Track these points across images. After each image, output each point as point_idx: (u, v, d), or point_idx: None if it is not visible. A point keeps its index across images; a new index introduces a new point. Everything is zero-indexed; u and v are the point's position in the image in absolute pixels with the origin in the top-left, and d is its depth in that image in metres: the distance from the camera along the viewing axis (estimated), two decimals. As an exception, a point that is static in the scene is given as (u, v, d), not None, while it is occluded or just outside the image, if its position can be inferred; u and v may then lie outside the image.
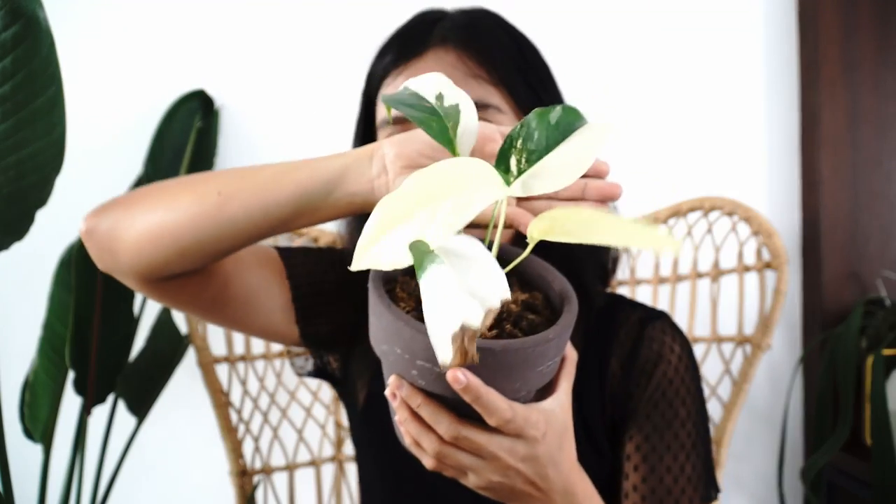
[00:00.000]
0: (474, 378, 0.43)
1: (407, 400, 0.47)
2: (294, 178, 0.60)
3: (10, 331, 1.28)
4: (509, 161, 0.46)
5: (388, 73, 0.74)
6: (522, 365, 0.44)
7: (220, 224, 0.61)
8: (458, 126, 0.49)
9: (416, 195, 0.40)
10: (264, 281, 0.76)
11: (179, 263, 0.64)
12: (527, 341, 0.44)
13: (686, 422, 0.74)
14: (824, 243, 1.31)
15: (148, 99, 1.28)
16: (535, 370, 0.46)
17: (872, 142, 1.32)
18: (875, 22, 1.31)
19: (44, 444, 1.06)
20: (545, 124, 0.45)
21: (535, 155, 0.45)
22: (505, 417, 0.45)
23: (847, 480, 1.22)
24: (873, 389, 1.11)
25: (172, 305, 0.71)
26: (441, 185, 0.40)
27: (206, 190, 0.61)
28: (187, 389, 1.24)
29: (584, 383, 0.75)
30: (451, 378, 0.42)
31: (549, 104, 0.71)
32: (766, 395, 1.37)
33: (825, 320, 1.30)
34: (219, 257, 0.65)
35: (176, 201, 0.62)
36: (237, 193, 0.61)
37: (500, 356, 0.43)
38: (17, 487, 0.92)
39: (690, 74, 1.37)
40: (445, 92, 0.52)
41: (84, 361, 1.05)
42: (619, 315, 0.79)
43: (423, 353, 0.43)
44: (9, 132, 0.69)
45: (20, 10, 0.66)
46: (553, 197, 0.55)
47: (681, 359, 0.76)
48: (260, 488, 1.14)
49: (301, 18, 1.33)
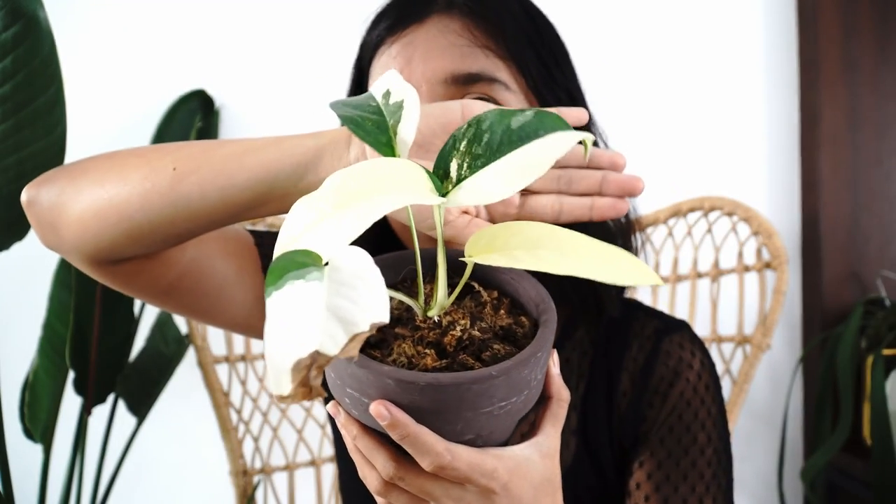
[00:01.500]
0: (401, 413, 0.37)
1: (343, 429, 0.42)
2: (258, 158, 0.52)
3: (10, 331, 1.28)
4: (449, 165, 0.38)
5: (383, 41, 0.65)
6: (458, 405, 0.37)
7: (173, 203, 0.53)
8: (398, 124, 0.43)
9: (331, 198, 0.34)
10: (234, 271, 0.67)
11: (129, 245, 0.56)
12: (458, 377, 0.37)
13: (705, 448, 0.65)
14: (824, 243, 1.31)
15: (148, 99, 1.28)
16: (478, 411, 0.38)
17: (872, 142, 1.32)
18: (875, 22, 1.31)
19: (44, 444, 1.05)
20: (503, 127, 0.38)
21: (480, 161, 0.38)
22: (440, 462, 0.38)
23: (847, 480, 1.22)
24: (873, 389, 1.11)
25: (126, 291, 0.63)
26: (357, 188, 0.35)
27: (161, 164, 0.54)
28: (187, 389, 1.24)
29: (591, 401, 0.69)
30: (375, 412, 0.37)
31: (563, 85, 0.66)
32: (766, 395, 1.37)
33: (825, 320, 1.30)
34: (175, 242, 0.58)
35: (127, 173, 0.54)
36: (194, 170, 0.53)
37: (427, 392, 0.36)
38: (17, 487, 0.92)
39: (690, 74, 1.37)
40: (393, 88, 0.46)
41: (84, 361, 1.05)
42: (634, 325, 0.71)
43: (349, 379, 0.38)
44: (9, 132, 0.69)
45: (20, 10, 0.66)
46: (563, 191, 0.50)
47: (700, 376, 0.67)
48: (260, 488, 1.14)
49: (301, 18, 1.33)
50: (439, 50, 0.61)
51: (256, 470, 1.14)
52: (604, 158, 0.50)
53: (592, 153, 0.49)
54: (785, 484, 1.33)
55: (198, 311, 0.68)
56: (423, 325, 0.41)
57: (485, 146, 0.38)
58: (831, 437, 1.17)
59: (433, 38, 0.62)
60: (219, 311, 0.68)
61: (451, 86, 0.61)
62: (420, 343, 0.40)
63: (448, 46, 0.61)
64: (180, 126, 1.25)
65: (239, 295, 0.68)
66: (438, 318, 0.41)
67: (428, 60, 0.61)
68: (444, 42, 0.62)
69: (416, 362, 0.39)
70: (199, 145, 0.55)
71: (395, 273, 0.47)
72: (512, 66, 0.63)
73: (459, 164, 0.38)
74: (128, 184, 0.54)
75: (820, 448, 1.19)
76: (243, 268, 0.68)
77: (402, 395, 0.37)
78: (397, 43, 0.63)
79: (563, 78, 0.66)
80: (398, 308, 0.43)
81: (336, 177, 0.35)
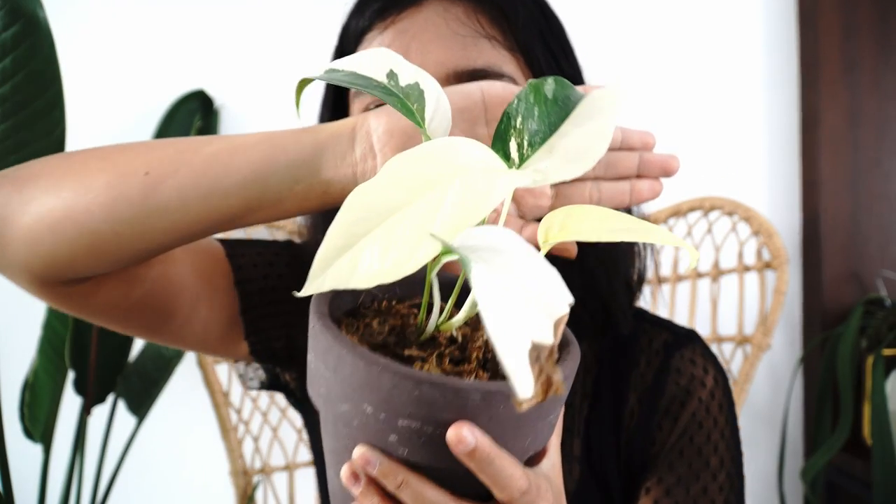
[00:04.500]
0: (484, 437, 0.31)
1: (384, 478, 0.33)
2: (247, 158, 0.45)
3: (10, 331, 1.27)
4: (508, 145, 0.35)
5: (371, 26, 0.57)
6: (536, 412, 0.34)
7: (146, 214, 0.45)
8: (423, 108, 0.37)
9: (406, 183, 0.30)
10: (205, 287, 0.59)
11: (90, 263, 0.47)
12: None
13: (718, 473, 0.60)
14: (824, 243, 1.31)
15: (148, 99, 1.28)
16: (546, 419, 0.35)
17: (872, 142, 1.32)
18: (875, 22, 1.31)
19: (44, 444, 1.05)
20: (542, 99, 0.36)
21: (538, 136, 0.35)
22: (521, 487, 0.33)
23: (847, 480, 1.22)
24: (873, 389, 1.11)
25: (79, 314, 0.54)
26: (438, 170, 0.31)
27: (130, 168, 0.45)
28: (187, 389, 1.24)
29: (596, 423, 0.63)
30: (455, 438, 0.30)
31: (570, 76, 0.60)
32: (766, 395, 1.37)
33: (825, 320, 1.30)
34: (146, 257, 0.49)
35: (87, 180, 0.46)
36: (170, 174, 0.45)
37: (512, 404, 0.31)
38: (17, 487, 0.92)
39: (690, 74, 1.37)
40: (398, 69, 0.40)
41: (84, 361, 1.05)
42: (641, 339, 0.65)
43: (409, 406, 0.31)
44: (9, 132, 0.69)
45: (20, 10, 0.65)
46: (601, 177, 0.45)
47: (713, 395, 0.62)
48: (260, 488, 1.14)
49: (301, 18, 1.33)
50: (440, 40, 0.54)
51: (256, 470, 1.14)
52: (635, 138, 0.46)
53: (624, 133, 0.45)
54: (785, 484, 1.33)
55: (162, 334, 0.59)
56: (442, 342, 0.37)
57: (538, 121, 0.35)
58: (831, 437, 1.17)
59: (433, 26, 0.55)
60: (187, 332, 0.60)
61: (453, 82, 0.53)
62: (440, 360, 0.35)
63: (450, 36, 0.54)
64: (180, 126, 1.25)
65: (210, 313, 0.60)
66: (453, 334, 0.37)
67: (427, 52, 0.54)
68: (445, 31, 0.55)
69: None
70: (176, 144, 0.47)
71: (400, 290, 0.42)
72: (519, 59, 0.56)
73: (519, 143, 0.35)
74: (89, 192, 0.45)
75: (820, 448, 1.19)
76: (214, 283, 0.60)
77: (482, 414, 0.31)
78: (390, 29, 0.56)
79: (570, 70, 0.61)
80: (381, 332, 0.38)
81: (401, 158, 0.31)
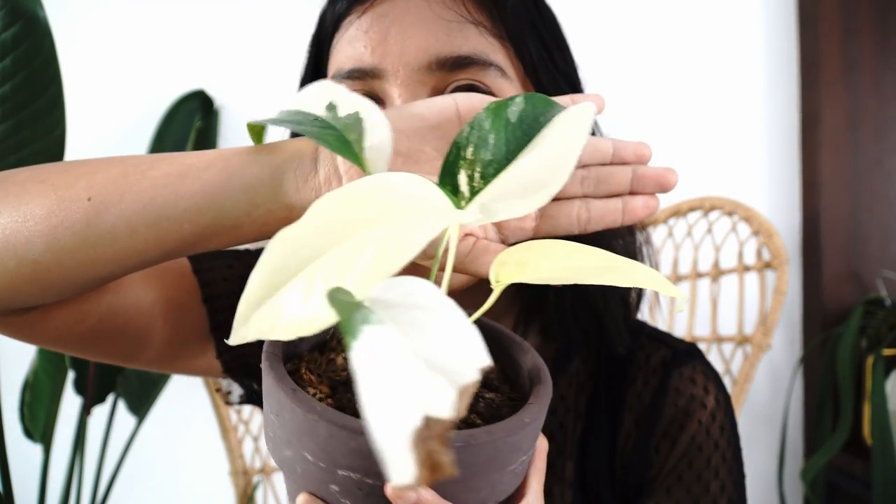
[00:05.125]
0: (428, 493, 0.30)
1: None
2: (199, 183, 0.41)
3: (10, 331, 1.28)
4: (457, 178, 0.33)
5: (350, 9, 0.53)
6: (491, 464, 0.32)
7: (92, 243, 0.42)
8: (362, 139, 0.35)
9: (329, 226, 0.28)
10: (169, 308, 0.56)
11: (34, 293, 0.44)
12: (495, 429, 0.31)
13: (718, 498, 0.57)
14: (824, 243, 1.31)
15: (148, 99, 1.28)
16: (505, 470, 0.33)
17: (872, 142, 1.32)
18: (875, 22, 1.31)
19: (44, 444, 1.05)
20: (502, 123, 0.33)
21: (492, 167, 0.32)
22: None
23: (847, 480, 1.22)
24: (873, 389, 1.11)
25: (29, 342, 0.51)
26: (365, 211, 0.28)
27: (71, 192, 0.42)
28: (187, 389, 1.24)
29: (590, 445, 0.60)
30: (394, 494, 0.29)
31: (564, 72, 0.57)
32: (766, 395, 1.37)
33: (825, 320, 1.30)
34: (96, 285, 0.46)
35: (26, 206, 0.42)
36: (116, 201, 0.41)
37: (464, 454, 0.30)
38: (17, 487, 0.92)
39: (690, 74, 1.37)
40: (338, 100, 0.38)
41: (84, 361, 1.05)
42: (638, 355, 0.62)
43: (348, 458, 0.30)
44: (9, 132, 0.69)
45: (20, 10, 0.65)
46: (590, 195, 0.42)
47: (714, 417, 0.59)
48: (260, 488, 1.14)
49: (301, 18, 1.33)
50: (423, 24, 0.50)
51: (256, 470, 1.14)
52: (628, 150, 0.42)
53: (616, 146, 0.42)
54: (785, 484, 1.33)
55: (126, 359, 0.57)
56: None
57: (493, 149, 0.32)
58: (831, 437, 1.17)
59: (415, 9, 0.51)
60: (152, 355, 0.57)
61: (436, 71, 0.50)
62: None
63: (433, 20, 0.51)
64: (180, 126, 1.25)
65: (174, 334, 0.57)
66: None
67: (408, 37, 0.50)
68: (428, 14, 0.51)
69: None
70: (122, 165, 0.43)
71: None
72: (509, 48, 0.53)
73: (470, 176, 0.33)
74: (28, 220, 0.42)
75: (820, 448, 1.19)
76: (180, 302, 0.57)
77: None
78: (369, 13, 0.52)
79: (564, 64, 0.57)
80: (345, 367, 0.37)
81: (328, 198, 0.29)
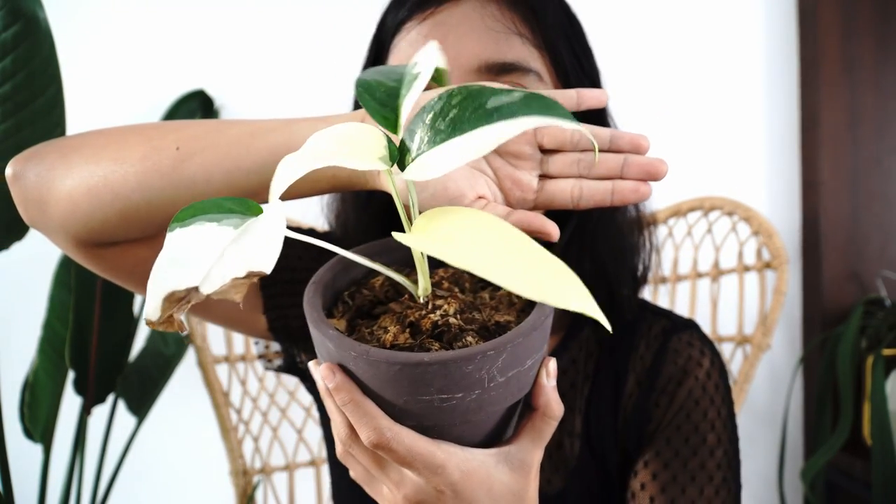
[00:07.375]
0: (345, 379, 0.38)
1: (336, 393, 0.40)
2: (267, 142, 0.50)
3: (10, 331, 1.28)
4: (414, 137, 0.37)
5: (412, 16, 0.61)
6: (395, 384, 0.37)
7: (175, 185, 0.50)
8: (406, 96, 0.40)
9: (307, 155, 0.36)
10: None
11: (122, 227, 0.53)
12: (391, 356, 0.36)
13: (715, 449, 0.62)
14: (824, 243, 1.31)
15: (148, 99, 1.28)
16: (416, 397, 0.37)
17: (872, 142, 1.32)
18: (875, 22, 1.31)
19: (44, 444, 1.05)
20: (475, 105, 0.36)
21: (439, 137, 0.36)
22: (379, 437, 0.38)
23: (847, 480, 1.22)
24: (873, 389, 1.11)
25: (111, 277, 0.60)
26: (323, 148, 0.36)
27: (163, 143, 0.51)
28: (187, 389, 1.24)
29: (596, 404, 0.66)
30: (323, 373, 0.38)
31: (590, 75, 0.65)
32: (766, 395, 1.37)
33: (825, 320, 1.30)
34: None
35: (125, 151, 0.51)
36: (199, 151, 0.50)
37: (360, 364, 0.37)
38: (17, 487, 0.92)
39: (690, 74, 1.37)
40: (421, 59, 0.43)
41: (84, 361, 1.05)
42: (641, 325, 0.69)
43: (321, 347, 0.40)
44: (9, 132, 0.69)
45: (20, 10, 0.66)
46: (584, 176, 0.47)
47: (709, 375, 0.65)
48: (260, 488, 1.14)
49: (301, 18, 1.33)
50: (475, 33, 0.58)
51: (256, 470, 1.14)
52: (624, 140, 0.47)
53: (613, 135, 0.46)
54: (785, 484, 1.33)
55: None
56: (413, 305, 0.41)
57: (448, 122, 0.36)
58: (831, 437, 1.17)
59: (469, 20, 0.59)
60: (213, 302, 0.63)
61: (484, 74, 0.58)
62: (400, 321, 0.40)
63: (485, 30, 0.58)
64: (180, 126, 1.25)
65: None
66: (427, 301, 0.41)
67: (462, 44, 0.58)
68: (480, 25, 0.59)
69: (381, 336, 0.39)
70: (204, 125, 0.52)
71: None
72: (546, 56, 0.61)
73: (422, 138, 0.37)
74: (125, 162, 0.51)
75: (820, 448, 1.19)
76: None
77: (356, 367, 0.38)
78: (429, 20, 0.60)
79: (590, 69, 0.66)
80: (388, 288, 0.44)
81: (314, 137, 0.37)
